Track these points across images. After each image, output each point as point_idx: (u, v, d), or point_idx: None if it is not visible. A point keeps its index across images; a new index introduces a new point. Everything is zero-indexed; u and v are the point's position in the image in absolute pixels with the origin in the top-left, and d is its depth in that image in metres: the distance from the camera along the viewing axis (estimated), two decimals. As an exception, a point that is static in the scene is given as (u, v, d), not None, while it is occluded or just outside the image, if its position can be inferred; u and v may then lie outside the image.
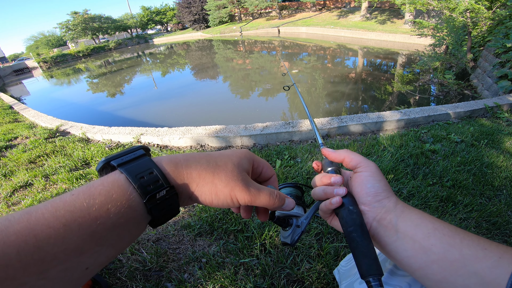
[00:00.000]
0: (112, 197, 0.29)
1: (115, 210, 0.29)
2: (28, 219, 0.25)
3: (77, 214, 0.26)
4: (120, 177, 0.31)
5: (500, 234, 1.50)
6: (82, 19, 38.55)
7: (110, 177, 0.31)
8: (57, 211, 0.26)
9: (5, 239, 0.23)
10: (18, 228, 0.24)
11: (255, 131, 2.80)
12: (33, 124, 4.67)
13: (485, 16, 5.54)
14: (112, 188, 0.29)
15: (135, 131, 3.18)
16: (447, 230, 0.38)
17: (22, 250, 0.23)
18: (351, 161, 0.48)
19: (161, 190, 0.32)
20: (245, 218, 0.44)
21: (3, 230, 0.23)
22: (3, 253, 0.22)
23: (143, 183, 0.31)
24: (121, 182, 0.30)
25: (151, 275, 1.36)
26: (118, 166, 0.32)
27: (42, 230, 0.24)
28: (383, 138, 2.58)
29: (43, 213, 0.26)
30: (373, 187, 0.44)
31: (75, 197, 0.28)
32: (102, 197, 0.28)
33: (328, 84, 7.54)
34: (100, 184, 0.30)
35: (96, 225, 0.27)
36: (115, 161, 0.33)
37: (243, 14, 34.97)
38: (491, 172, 1.98)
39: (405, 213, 0.42)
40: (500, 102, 3.21)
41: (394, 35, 14.39)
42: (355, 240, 0.40)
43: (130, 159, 0.33)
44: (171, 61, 18.34)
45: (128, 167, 0.32)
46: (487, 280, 0.32)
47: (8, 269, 0.22)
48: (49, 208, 0.26)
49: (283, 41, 19.99)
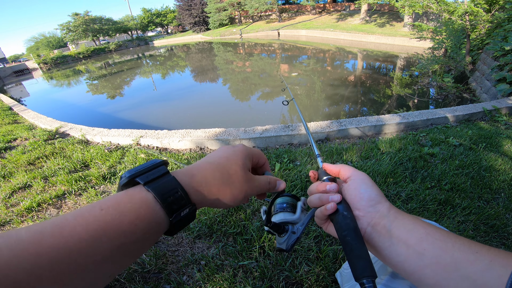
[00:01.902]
0: (141, 214, 0.31)
1: (142, 226, 0.31)
2: (61, 232, 0.26)
3: (107, 230, 0.28)
4: (148, 196, 0.33)
5: (498, 237, 1.50)
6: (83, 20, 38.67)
7: (137, 195, 0.33)
8: (88, 226, 0.28)
9: (40, 251, 0.24)
10: (52, 241, 0.25)
11: (254, 134, 2.80)
12: (32, 125, 4.68)
13: (484, 19, 5.58)
14: (140, 207, 0.32)
15: (134, 133, 3.18)
16: (439, 234, 0.39)
17: (55, 263, 0.24)
18: (344, 172, 0.50)
19: (185, 208, 0.35)
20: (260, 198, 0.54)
21: (37, 243, 0.25)
22: (38, 265, 0.23)
23: (170, 203, 0.34)
24: (149, 201, 0.33)
25: (150, 277, 1.36)
26: (145, 184, 0.34)
27: (74, 243, 0.26)
28: (382, 142, 2.59)
29: (75, 227, 0.27)
30: (366, 192, 0.46)
31: (105, 212, 0.29)
32: (131, 214, 0.31)
33: (327, 87, 7.56)
34: (128, 201, 0.32)
35: (124, 239, 0.29)
36: (141, 178, 0.34)
37: (243, 16, 35.13)
38: (489, 175, 1.99)
39: (398, 218, 0.43)
40: (498, 105, 3.23)
41: (393, 38, 14.47)
42: (349, 243, 0.41)
43: (155, 177, 0.35)
44: (171, 63, 18.38)
45: (155, 187, 0.34)
46: (479, 283, 0.33)
47: (41, 280, 0.23)
48: (81, 221, 0.28)
49: (283, 43, 20.06)
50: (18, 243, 0.24)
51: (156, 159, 0.39)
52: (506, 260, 0.33)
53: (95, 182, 2.33)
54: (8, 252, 0.23)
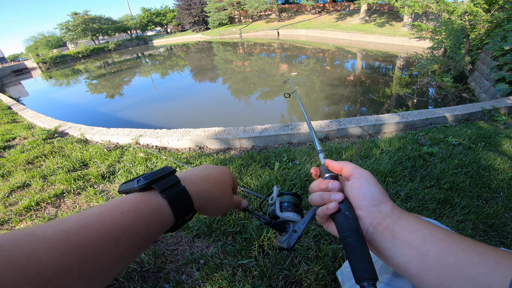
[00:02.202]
0: (155, 218, 0.36)
1: (154, 229, 0.36)
2: (86, 232, 0.28)
3: (126, 231, 0.32)
4: (163, 202, 0.38)
5: (497, 236, 1.50)
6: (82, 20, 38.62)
7: (153, 200, 0.37)
8: (111, 228, 0.31)
9: (68, 249, 0.26)
10: (79, 240, 0.27)
11: (254, 133, 2.80)
12: (31, 124, 4.66)
13: (483, 19, 5.58)
14: (156, 213, 0.36)
15: (133, 133, 3.18)
16: (443, 235, 0.38)
17: (82, 261, 0.26)
18: (347, 169, 0.49)
19: (189, 214, 0.41)
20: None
21: (65, 241, 0.26)
22: (66, 262, 0.25)
23: (180, 210, 0.39)
24: (163, 208, 0.38)
25: (149, 276, 1.36)
26: (161, 192, 0.38)
27: (99, 243, 0.28)
28: (381, 141, 2.59)
29: (98, 228, 0.30)
30: (369, 192, 0.44)
31: (125, 216, 0.33)
32: (147, 218, 0.35)
33: (327, 87, 7.56)
34: (145, 206, 0.36)
35: (138, 239, 0.33)
36: (158, 186, 0.39)
37: (243, 16, 35.09)
38: (488, 174, 1.99)
39: (401, 218, 0.42)
40: (497, 105, 3.23)
41: (392, 37, 14.48)
42: (351, 245, 0.40)
43: (169, 186, 0.40)
44: (170, 62, 18.35)
45: (169, 195, 0.39)
46: (483, 285, 0.32)
47: (68, 278, 0.25)
48: (104, 223, 0.30)
49: (283, 43, 20.06)
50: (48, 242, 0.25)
51: (168, 167, 0.43)
52: (511, 261, 0.33)
53: (94, 181, 2.33)
54: (40, 250, 0.24)
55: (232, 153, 2.69)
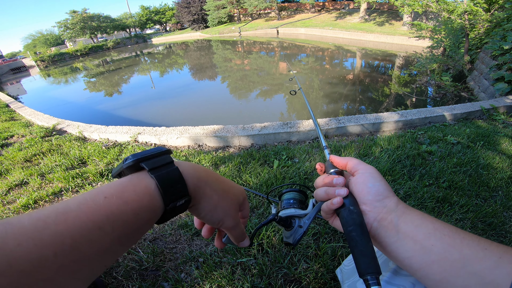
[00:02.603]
0: (143, 203, 0.31)
1: (143, 216, 0.31)
2: (65, 220, 0.25)
3: (111, 218, 0.28)
4: (151, 184, 0.33)
5: (495, 234, 1.50)
6: (81, 18, 38.44)
7: (141, 182, 0.33)
8: (93, 215, 0.27)
9: (44, 239, 0.23)
10: (56, 229, 0.24)
11: (253, 131, 2.80)
12: (29, 122, 4.64)
13: (483, 18, 5.58)
14: (144, 196, 0.32)
15: (132, 130, 3.17)
16: (447, 230, 0.38)
17: (59, 252, 0.24)
18: (352, 164, 0.49)
19: (181, 200, 0.35)
20: (206, 237, 0.48)
21: (41, 231, 0.23)
22: (41, 254, 0.22)
23: (170, 192, 0.34)
24: (151, 190, 0.33)
25: (148, 275, 1.35)
26: (150, 171, 0.34)
27: (79, 232, 0.25)
28: (381, 139, 2.59)
29: (79, 216, 0.26)
30: (374, 186, 0.45)
31: (109, 201, 0.29)
32: (134, 204, 0.30)
33: (326, 85, 7.56)
34: (132, 190, 0.31)
35: (126, 228, 0.29)
36: (146, 164, 0.34)
37: (242, 14, 35.01)
38: (487, 173, 2.00)
39: (406, 213, 0.42)
40: (496, 104, 3.24)
41: (392, 36, 14.48)
42: (354, 239, 0.41)
43: (160, 164, 0.35)
44: (169, 61, 18.30)
45: (159, 175, 0.34)
46: (487, 280, 0.32)
47: (44, 270, 0.22)
48: (85, 210, 0.27)
49: (282, 42, 20.03)
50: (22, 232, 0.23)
51: (161, 147, 0.38)
52: None
53: (92, 179, 2.32)
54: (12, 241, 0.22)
55: (231, 151, 2.69)
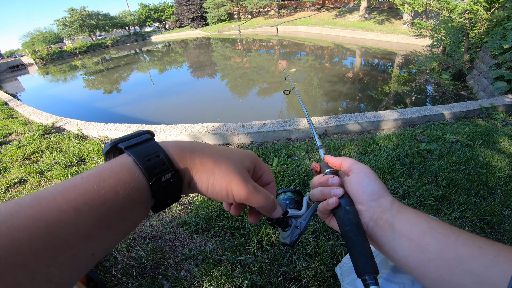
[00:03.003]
0: (121, 179, 0.29)
1: (124, 193, 0.28)
2: (39, 202, 0.24)
3: (87, 197, 0.26)
4: (128, 159, 0.31)
5: (494, 233, 1.51)
6: (80, 16, 38.29)
7: (118, 160, 0.31)
8: (68, 195, 0.25)
9: (16, 224, 0.22)
10: (30, 213, 0.23)
11: (252, 129, 2.79)
12: (28, 120, 4.63)
13: (483, 17, 5.57)
14: (120, 171, 0.29)
15: (131, 128, 3.16)
16: (442, 229, 0.38)
17: (33, 236, 0.22)
18: (346, 164, 0.49)
19: (166, 173, 0.32)
20: (234, 214, 0.43)
21: (14, 214, 0.22)
22: (14, 238, 0.21)
23: (150, 165, 0.31)
24: (129, 165, 0.30)
25: (147, 273, 1.35)
26: (126, 149, 0.32)
27: (53, 214, 0.24)
28: (380, 137, 2.59)
29: (54, 196, 0.25)
30: (369, 186, 0.45)
31: (85, 180, 0.27)
32: (111, 180, 0.28)
33: (325, 84, 7.55)
34: (109, 167, 0.30)
35: (105, 208, 0.27)
36: (122, 144, 0.32)
37: (242, 12, 34.90)
38: (486, 171, 2.00)
39: (401, 212, 0.42)
40: (495, 103, 3.24)
41: (392, 35, 14.45)
42: (351, 239, 0.41)
43: (137, 142, 0.33)
44: (168, 58, 18.25)
45: (135, 150, 0.32)
46: (483, 278, 0.32)
47: (19, 256, 0.21)
48: (60, 190, 0.26)
49: (282, 40, 19.99)
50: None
51: (141, 130, 0.36)
52: (510, 255, 0.33)
53: (91, 177, 2.31)
54: None
55: (231, 150, 2.68)
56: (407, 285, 0.48)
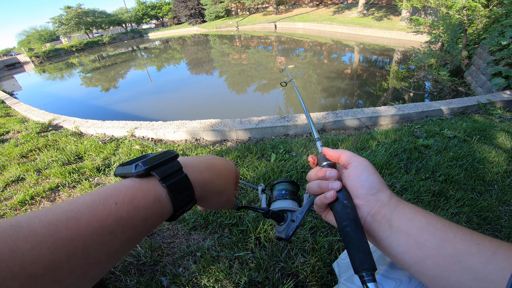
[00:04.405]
0: (153, 210, 0.33)
1: (152, 221, 0.33)
2: (77, 225, 0.26)
3: (121, 223, 0.29)
4: (162, 192, 0.35)
5: (491, 229, 1.52)
6: (76, 13, 37.98)
7: (151, 190, 0.34)
8: (104, 220, 0.28)
9: (56, 244, 0.24)
10: (69, 234, 0.25)
11: (250, 125, 2.79)
12: (25, 118, 4.60)
13: (481, 14, 5.56)
14: (154, 203, 0.33)
15: (129, 125, 3.15)
16: (440, 224, 0.38)
17: (71, 255, 0.24)
18: (345, 157, 0.48)
19: (189, 205, 0.38)
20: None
21: (53, 235, 0.24)
22: (54, 257, 0.23)
23: (180, 200, 0.36)
24: (162, 198, 0.34)
25: (146, 270, 1.35)
26: (161, 180, 0.35)
27: (91, 236, 0.26)
28: (378, 133, 2.59)
29: (90, 221, 0.27)
30: (367, 180, 0.44)
31: (119, 207, 0.30)
32: (144, 211, 0.32)
33: (324, 80, 7.53)
34: (143, 197, 0.33)
35: (134, 232, 0.31)
36: (157, 173, 0.35)
37: (240, 9, 34.68)
38: (483, 167, 2.01)
39: (399, 207, 0.42)
40: (493, 99, 3.25)
41: (390, 31, 14.41)
42: (349, 235, 0.40)
43: (170, 173, 0.36)
44: (166, 55, 18.14)
45: (170, 184, 0.35)
46: (481, 275, 0.32)
47: (57, 273, 0.23)
48: (96, 215, 0.28)
49: (280, 36, 19.89)
50: (33, 235, 0.23)
51: (170, 151, 0.40)
52: (508, 252, 0.32)
53: (89, 174, 2.31)
54: (25, 244, 0.22)
55: (229, 145, 2.68)
56: (404, 281, 0.47)
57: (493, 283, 0.31)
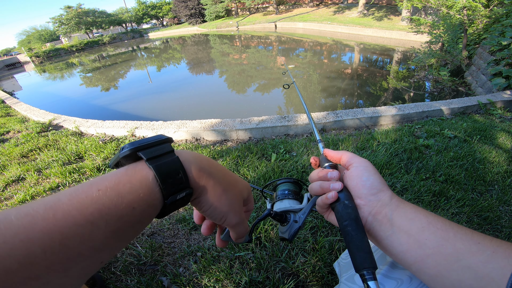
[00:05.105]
0: (139, 196, 0.29)
1: (140, 209, 0.29)
2: (54, 215, 0.24)
3: (104, 212, 0.26)
4: (148, 174, 0.31)
5: (491, 229, 1.52)
6: (76, 13, 37.99)
7: (138, 173, 0.30)
8: (84, 209, 0.25)
9: (31, 236, 0.22)
10: (44, 225, 0.23)
11: (250, 125, 2.79)
12: (25, 118, 4.60)
13: (482, 14, 5.56)
14: (140, 188, 0.29)
15: (129, 125, 3.15)
16: (440, 224, 0.38)
17: (48, 249, 0.22)
18: (346, 158, 0.49)
19: (182, 192, 0.33)
20: (205, 234, 0.45)
21: (27, 227, 0.22)
22: (29, 251, 0.21)
23: (170, 184, 0.31)
24: (149, 182, 0.30)
25: (146, 269, 1.36)
26: (148, 160, 0.31)
27: (69, 227, 0.24)
28: (378, 133, 2.59)
29: (69, 210, 0.25)
30: (368, 180, 0.45)
31: (102, 193, 0.27)
32: (130, 196, 0.28)
33: (324, 80, 7.53)
34: (127, 181, 0.29)
35: (121, 222, 0.27)
36: (144, 153, 0.32)
37: (240, 9, 34.67)
38: (483, 167, 2.01)
39: (400, 207, 0.42)
40: (493, 99, 3.25)
41: (390, 31, 14.40)
42: (350, 234, 0.41)
43: (159, 154, 0.33)
44: (166, 55, 18.15)
45: (157, 165, 0.31)
46: (481, 274, 0.32)
47: (33, 268, 0.21)
48: (76, 204, 0.25)
49: (280, 36, 19.89)
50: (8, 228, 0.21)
51: (161, 135, 0.36)
52: (508, 251, 0.33)
53: (89, 174, 2.31)
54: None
55: (229, 145, 2.68)
56: (405, 281, 0.47)
57: (493, 282, 0.31)
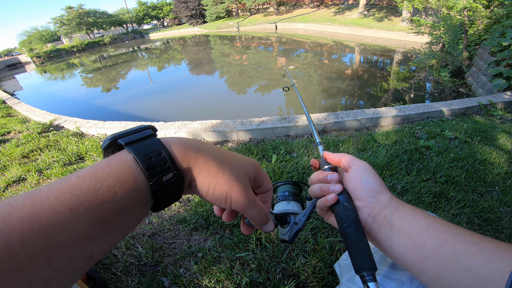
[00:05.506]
0: (120, 179, 0.27)
1: (122, 193, 0.27)
2: (32, 203, 0.23)
3: (83, 198, 0.25)
4: (128, 157, 0.29)
5: (491, 230, 1.52)
6: (77, 14, 38.08)
7: (117, 157, 0.29)
8: (63, 195, 0.24)
9: (8, 226, 0.21)
10: (22, 214, 0.22)
11: (251, 126, 2.79)
12: (26, 118, 4.61)
13: (482, 15, 5.56)
14: (119, 170, 0.28)
15: (130, 126, 3.15)
16: (440, 225, 0.38)
17: (27, 239, 0.21)
18: (345, 161, 0.49)
19: (168, 172, 0.30)
20: (226, 221, 0.42)
21: (6, 216, 0.21)
22: (7, 242, 0.20)
23: (151, 164, 0.29)
24: (128, 163, 0.29)
25: (147, 270, 1.36)
26: (126, 145, 0.30)
27: (47, 215, 0.22)
28: (378, 134, 2.59)
29: (48, 197, 0.23)
30: (367, 182, 0.45)
31: (82, 179, 0.26)
32: (109, 180, 0.27)
33: (324, 80, 7.53)
34: (107, 165, 0.28)
35: (103, 209, 0.25)
36: (122, 140, 0.31)
37: (241, 9, 34.71)
38: (484, 168, 2.01)
39: (399, 208, 0.42)
40: (494, 100, 3.24)
41: (391, 32, 14.40)
42: (350, 236, 0.41)
43: (138, 138, 0.31)
44: (167, 56, 18.18)
45: (136, 147, 0.30)
46: (480, 275, 0.33)
47: (13, 260, 0.20)
48: (54, 191, 0.24)
49: (280, 37, 19.91)
50: None
51: (144, 125, 0.34)
52: (507, 253, 0.33)
53: (90, 175, 2.31)
54: None
55: (230, 146, 2.68)
56: (405, 282, 0.48)
57: (492, 283, 0.31)
